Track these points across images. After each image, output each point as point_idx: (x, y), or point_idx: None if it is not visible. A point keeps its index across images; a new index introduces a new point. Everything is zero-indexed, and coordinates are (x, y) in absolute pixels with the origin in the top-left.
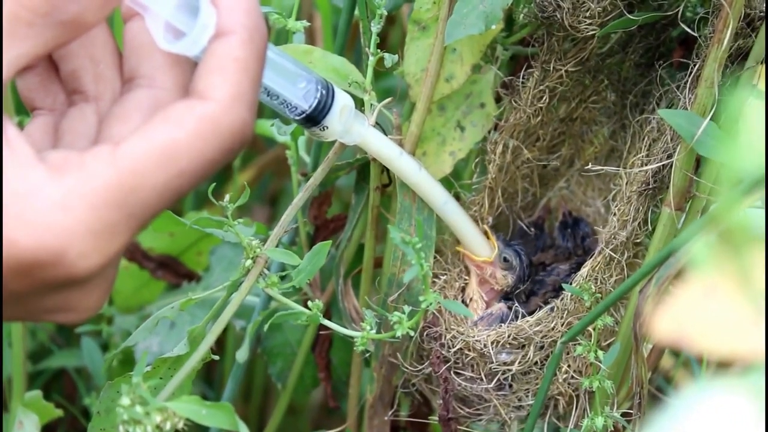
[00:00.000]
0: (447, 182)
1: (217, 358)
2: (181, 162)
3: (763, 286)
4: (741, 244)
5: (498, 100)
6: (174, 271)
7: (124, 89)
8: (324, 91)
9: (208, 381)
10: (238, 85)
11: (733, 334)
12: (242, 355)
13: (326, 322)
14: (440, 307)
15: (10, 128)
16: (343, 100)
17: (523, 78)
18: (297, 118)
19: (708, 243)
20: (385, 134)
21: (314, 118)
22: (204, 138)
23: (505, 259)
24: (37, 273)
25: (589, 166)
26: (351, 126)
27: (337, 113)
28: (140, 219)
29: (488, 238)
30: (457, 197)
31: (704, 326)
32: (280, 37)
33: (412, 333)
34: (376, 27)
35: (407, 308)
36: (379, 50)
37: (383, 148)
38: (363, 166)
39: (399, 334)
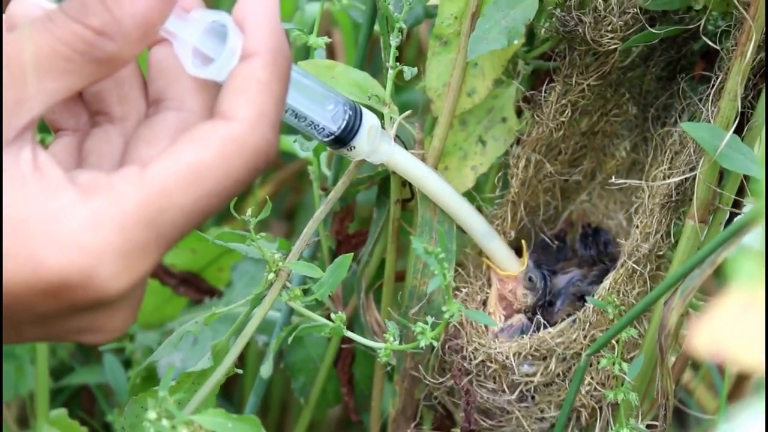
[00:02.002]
0: (469, 196)
1: (240, 371)
2: (208, 182)
3: None
4: None
5: (519, 114)
6: (196, 287)
7: (150, 111)
8: (351, 113)
9: (227, 397)
10: (262, 105)
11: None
12: (266, 370)
13: (349, 334)
14: (462, 319)
15: (39, 153)
16: (370, 121)
17: (545, 92)
18: (325, 139)
19: (744, 255)
20: (407, 148)
21: (343, 140)
22: (229, 158)
23: (530, 279)
24: (65, 294)
25: (612, 179)
26: (378, 145)
27: (365, 134)
28: (168, 239)
29: (523, 253)
30: (479, 211)
31: (743, 340)
32: (300, 53)
33: (435, 343)
34: (395, 41)
35: (429, 319)
36: (397, 63)
37: (410, 166)
38: (384, 180)
39: (423, 344)
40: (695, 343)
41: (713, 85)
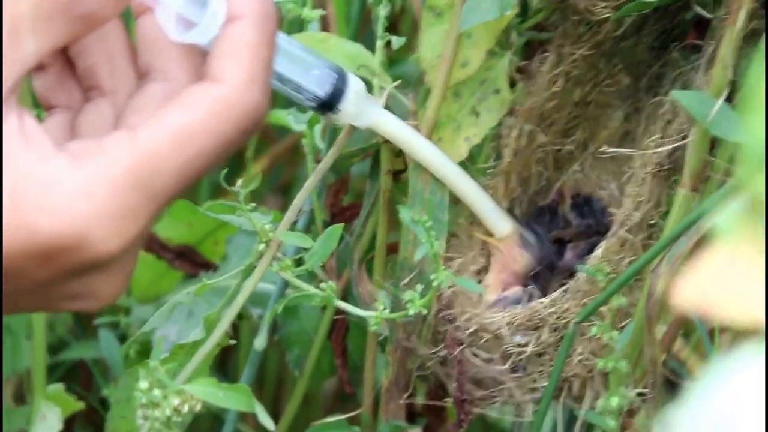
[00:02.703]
0: (462, 167)
1: (234, 342)
2: (197, 144)
3: None
4: (763, 213)
5: (512, 85)
6: (191, 261)
7: (139, 84)
8: (337, 76)
9: (223, 371)
10: (250, 67)
11: (756, 303)
12: (260, 342)
13: (341, 304)
14: (455, 289)
15: (28, 120)
16: (356, 84)
17: (538, 62)
18: (312, 103)
19: (732, 212)
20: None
21: (329, 103)
22: (219, 119)
23: (521, 236)
24: (60, 258)
25: (604, 148)
26: (364, 109)
27: (351, 97)
28: (160, 201)
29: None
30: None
31: (727, 294)
32: (294, 25)
33: (425, 311)
34: (384, 9)
35: (419, 287)
36: (387, 33)
37: (396, 129)
38: (377, 152)
39: (412, 312)
40: (679, 298)
41: (705, 54)
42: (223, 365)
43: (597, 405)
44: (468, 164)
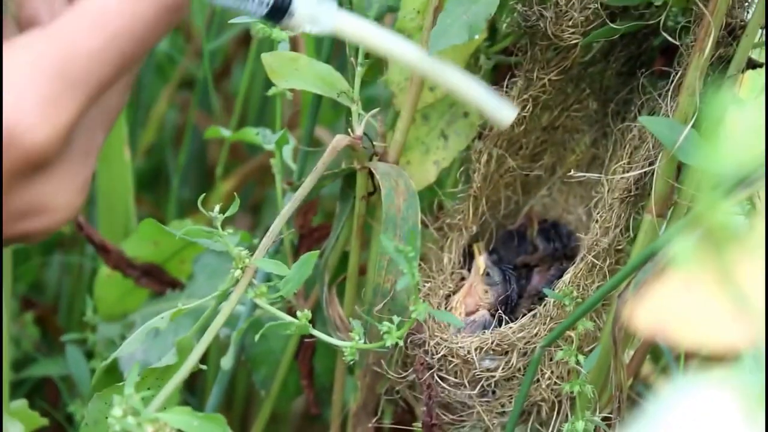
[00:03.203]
0: (431, 191)
1: (204, 367)
2: (114, 24)
3: (743, 282)
4: (722, 242)
5: None
6: (158, 279)
7: None
8: None
9: (190, 389)
10: None
11: (711, 328)
12: (227, 362)
13: (315, 332)
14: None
15: None
16: None
17: (506, 87)
18: (263, 9)
19: (690, 240)
20: (371, 142)
21: (280, 6)
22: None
23: (488, 274)
24: None
25: (572, 173)
26: (318, 10)
27: None
28: (85, 86)
29: (478, 254)
30: (441, 206)
31: (683, 319)
32: (264, 45)
33: (401, 343)
34: None
35: (396, 318)
36: (366, 59)
37: (362, 29)
38: (349, 176)
39: (389, 344)
40: (636, 320)
41: (672, 81)
42: (190, 383)
43: (563, 429)
44: (437, 188)
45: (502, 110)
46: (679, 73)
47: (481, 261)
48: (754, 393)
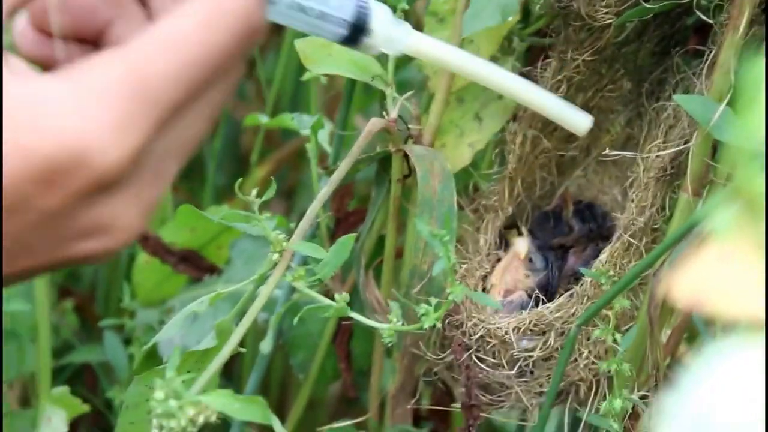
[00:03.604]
0: (466, 173)
1: (244, 350)
2: (190, 49)
3: None
4: (761, 213)
5: None
6: (195, 265)
7: None
8: (360, 3)
9: (226, 374)
10: None
11: (750, 299)
12: (266, 346)
13: (353, 314)
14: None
15: (11, 58)
16: (379, 6)
17: (540, 68)
18: (341, 30)
19: (729, 212)
20: (406, 125)
21: (359, 27)
22: (211, 24)
23: (530, 260)
24: (61, 180)
25: (607, 151)
26: (393, 32)
27: (380, 19)
28: (156, 111)
29: (518, 236)
30: (476, 188)
31: (722, 291)
32: (297, 32)
33: (438, 324)
34: None
35: (433, 300)
36: None
37: (436, 49)
38: (383, 159)
39: (426, 326)
40: (677, 293)
41: (706, 59)
42: (226, 369)
43: (601, 408)
44: (472, 170)
45: (579, 119)
46: (713, 52)
47: (522, 246)
48: None
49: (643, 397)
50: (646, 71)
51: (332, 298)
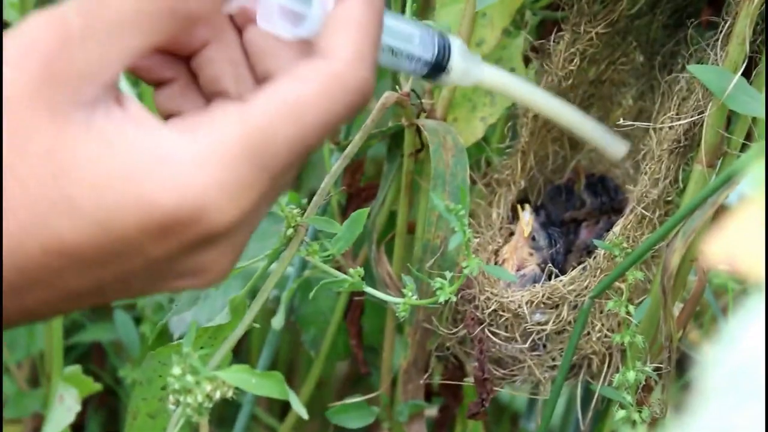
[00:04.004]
0: (478, 147)
1: (258, 326)
2: (308, 118)
3: None
4: None
5: (527, 63)
6: None
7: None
8: (438, 38)
9: (235, 351)
10: (361, 44)
11: None
12: (278, 322)
13: (368, 289)
14: None
15: (132, 103)
16: (457, 41)
17: (553, 41)
18: (424, 69)
19: (761, 171)
20: (419, 98)
21: (439, 64)
22: (330, 95)
23: (533, 238)
24: (177, 233)
25: (620, 122)
26: (468, 65)
27: (458, 55)
28: (273, 173)
29: (522, 212)
30: (488, 162)
31: (756, 251)
32: None
33: (453, 298)
34: None
35: (447, 274)
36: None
37: (503, 80)
38: (395, 134)
39: (442, 299)
40: (710, 254)
41: (721, 30)
42: (236, 346)
43: (614, 380)
44: (484, 144)
45: (616, 146)
46: (728, 23)
47: (525, 224)
48: None
49: (656, 369)
50: (658, 44)
51: (345, 274)
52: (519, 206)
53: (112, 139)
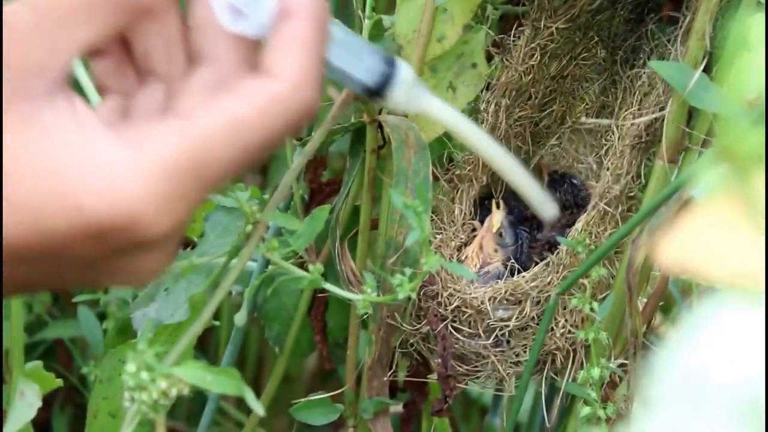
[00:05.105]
0: (440, 143)
1: (217, 323)
2: (249, 137)
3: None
4: (749, 172)
5: (489, 59)
6: None
7: (189, 68)
8: (386, 64)
9: (202, 348)
10: (307, 65)
11: (738, 260)
12: (240, 318)
13: (327, 286)
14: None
15: (78, 103)
16: (405, 72)
17: (514, 36)
18: (360, 91)
19: (714, 174)
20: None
21: (378, 91)
22: (273, 116)
23: (500, 234)
24: (108, 239)
25: (582, 119)
26: (412, 95)
27: (400, 85)
28: (207, 188)
29: (496, 209)
30: (451, 158)
31: (710, 253)
32: None
33: (413, 295)
34: None
35: (408, 270)
36: (374, 13)
37: (445, 115)
38: (357, 130)
39: (401, 296)
40: (663, 259)
41: (681, 26)
42: (202, 342)
43: (579, 377)
44: (446, 140)
45: (546, 206)
46: (687, 18)
47: (496, 219)
48: None
49: (620, 365)
50: (620, 39)
51: (307, 270)
52: (494, 204)
53: (52, 137)
